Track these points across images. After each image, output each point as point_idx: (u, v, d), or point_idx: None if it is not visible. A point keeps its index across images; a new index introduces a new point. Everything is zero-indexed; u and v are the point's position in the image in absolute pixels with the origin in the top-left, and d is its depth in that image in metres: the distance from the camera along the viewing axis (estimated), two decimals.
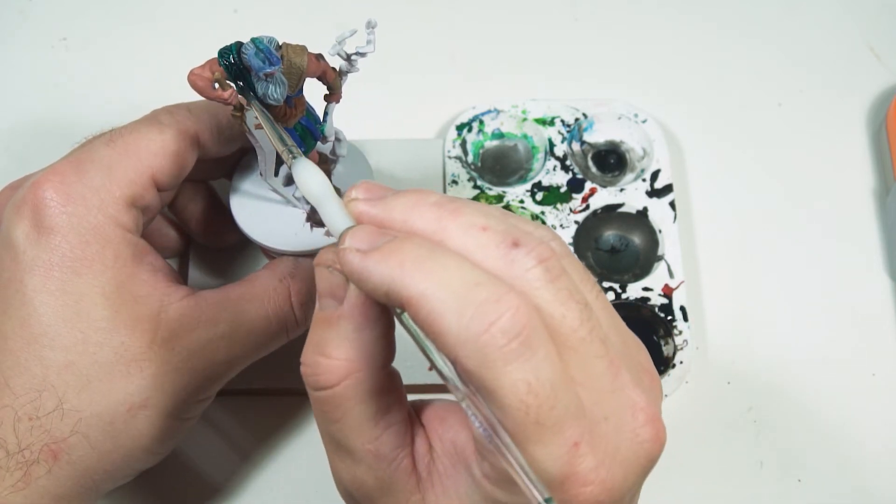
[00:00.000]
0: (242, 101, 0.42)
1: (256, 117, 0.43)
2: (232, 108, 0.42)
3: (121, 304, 0.43)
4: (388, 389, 0.38)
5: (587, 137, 0.61)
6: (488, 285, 0.33)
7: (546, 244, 0.35)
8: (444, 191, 0.59)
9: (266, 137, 0.44)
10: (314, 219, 0.47)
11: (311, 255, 0.47)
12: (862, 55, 0.66)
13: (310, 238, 0.47)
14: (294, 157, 0.40)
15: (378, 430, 0.37)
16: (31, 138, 0.63)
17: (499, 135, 0.61)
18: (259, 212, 0.48)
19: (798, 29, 0.67)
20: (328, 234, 0.39)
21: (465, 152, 0.60)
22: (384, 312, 0.37)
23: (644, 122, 0.61)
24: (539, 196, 0.59)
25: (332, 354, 0.37)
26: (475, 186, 0.59)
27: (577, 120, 0.61)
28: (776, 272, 0.59)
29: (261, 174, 0.47)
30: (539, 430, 0.33)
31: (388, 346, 0.38)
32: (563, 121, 0.61)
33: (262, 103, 0.42)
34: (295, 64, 0.42)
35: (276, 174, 0.47)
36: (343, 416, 0.37)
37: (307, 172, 0.39)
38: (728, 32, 0.67)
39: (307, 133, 0.46)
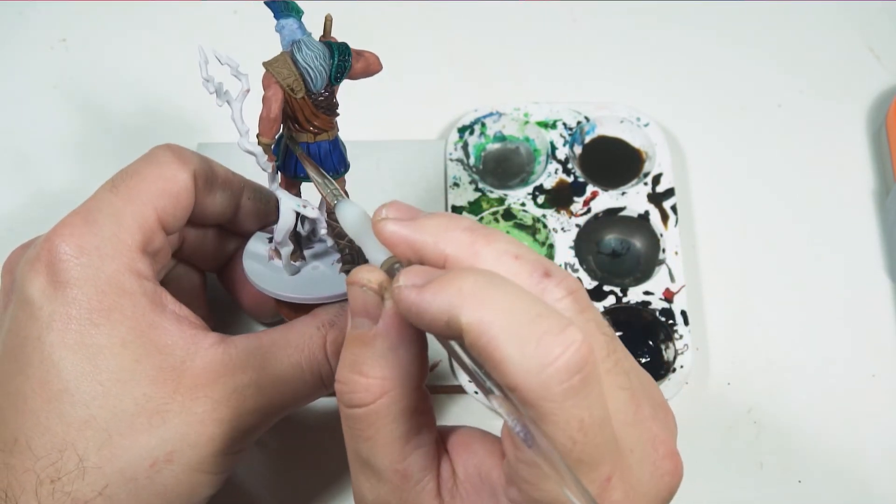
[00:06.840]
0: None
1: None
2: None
3: (142, 353, 0.42)
4: (420, 410, 0.37)
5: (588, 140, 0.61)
6: (549, 317, 0.32)
7: (572, 277, 0.35)
8: (446, 193, 0.59)
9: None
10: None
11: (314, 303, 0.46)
12: (862, 56, 0.66)
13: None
14: (337, 200, 0.40)
15: (408, 450, 0.37)
16: (30, 139, 0.63)
17: (500, 137, 0.61)
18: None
19: (798, 31, 0.67)
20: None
21: (467, 155, 0.60)
22: (419, 332, 0.37)
23: (646, 125, 0.61)
24: (540, 199, 0.59)
25: (368, 373, 0.36)
26: (476, 189, 0.59)
27: (578, 123, 0.61)
28: (776, 273, 0.59)
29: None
30: (578, 466, 0.33)
31: (422, 366, 0.37)
32: (564, 124, 0.61)
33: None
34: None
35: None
36: (374, 434, 0.37)
37: (347, 210, 0.39)
38: (728, 34, 0.66)
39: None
